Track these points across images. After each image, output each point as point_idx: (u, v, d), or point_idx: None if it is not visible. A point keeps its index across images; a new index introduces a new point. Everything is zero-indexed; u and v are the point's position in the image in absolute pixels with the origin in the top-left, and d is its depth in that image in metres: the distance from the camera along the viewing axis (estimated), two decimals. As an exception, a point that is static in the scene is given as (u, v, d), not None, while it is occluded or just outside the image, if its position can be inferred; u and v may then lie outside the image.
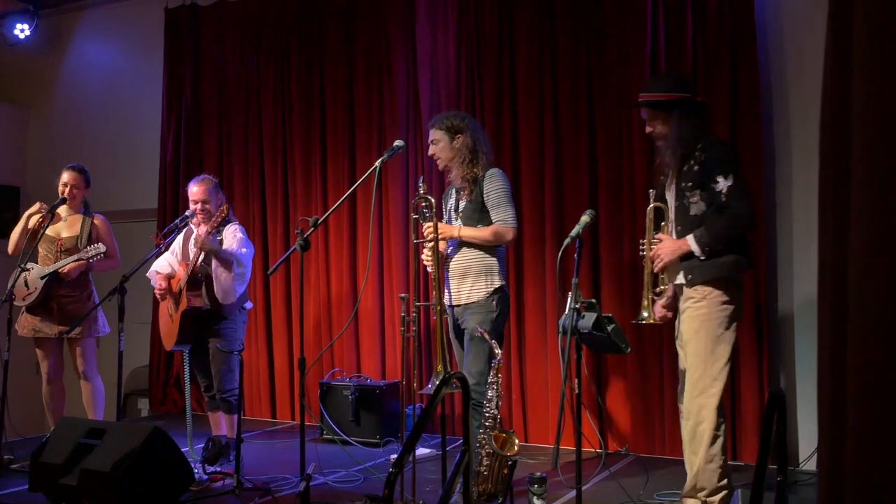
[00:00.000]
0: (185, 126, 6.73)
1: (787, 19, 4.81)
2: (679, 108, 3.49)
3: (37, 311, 4.89)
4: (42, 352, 4.97)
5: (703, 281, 3.40)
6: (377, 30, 5.97)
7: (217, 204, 4.67)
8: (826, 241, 1.47)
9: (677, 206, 3.50)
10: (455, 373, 2.64)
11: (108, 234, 5.01)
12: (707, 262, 3.38)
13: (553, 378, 5.15)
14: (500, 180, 3.98)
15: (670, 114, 3.50)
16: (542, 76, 5.30)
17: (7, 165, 7.64)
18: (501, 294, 3.94)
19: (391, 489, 2.09)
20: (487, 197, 3.94)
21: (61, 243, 4.90)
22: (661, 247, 3.47)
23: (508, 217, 3.93)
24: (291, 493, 4.06)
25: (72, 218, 4.99)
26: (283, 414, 6.21)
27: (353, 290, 5.94)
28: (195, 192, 4.65)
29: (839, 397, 1.40)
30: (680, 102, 3.50)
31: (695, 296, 3.42)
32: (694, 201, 3.43)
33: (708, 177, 3.39)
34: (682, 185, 3.47)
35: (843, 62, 1.40)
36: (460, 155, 3.99)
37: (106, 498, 3.53)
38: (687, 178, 3.45)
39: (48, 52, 7.69)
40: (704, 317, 3.39)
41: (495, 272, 3.94)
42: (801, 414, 4.66)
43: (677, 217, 3.50)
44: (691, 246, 3.38)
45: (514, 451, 3.69)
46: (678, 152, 3.47)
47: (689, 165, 3.45)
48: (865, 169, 1.32)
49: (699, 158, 3.43)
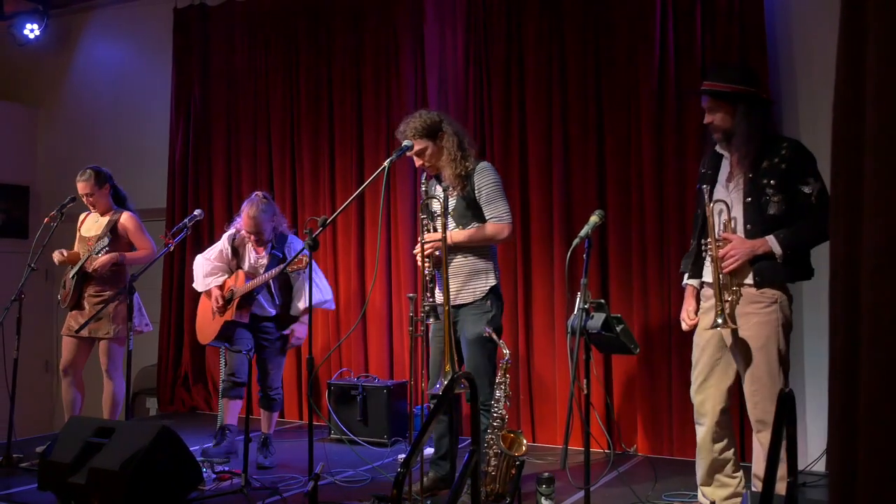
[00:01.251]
0: (193, 125, 6.75)
1: (796, 19, 4.78)
2: (745, 101, 3.31)
3: (74, 309, 4.99)
4: (67, 346, 5.00)
5: (772, 284, 3.24)
6: (385, 30, 5.97)
7: (270, 226, 4.76)
8: (838, 240, 1.46)
9: (748, 202, 3.28)
10: (463, 373, 2.63)
11: (137, 228, 5.03)
12: (779, 265, 3.21)
13: (561, 378, 5.15)
14: (492, 174, 3.88)
15: (735, 107, 3.31)
16: (551, 76, 5.29)
17: (17, 165, 7.67)
18: (495, 293, 3.89)
19: (399, 489, 2.08)
20: (479, 192, 3.85)
21: (90, 243, 4.96)
22: (732, 246, 3.22)
23: (503, 213, 3.85)
24: (299, 492, 4.06)
25: (102, 218, 5.06)
26: (291, 413, 6.21)
27: (361, 289, 5.95)
28: (247, 223, 4.72)
29: (850, 398, 1.39)
30: (746, 96, 3.32)
31: (762, 300, 3.25)
32: (776, 200, 3.23)
33: (799, 177, 3.23)
34: (761, 182, 3.25)
35: (855, 61, 1.40)
36: (450, 153, 3.88)
37: (114, 497, 3.54)
38: (770, 174, 3.24)
39: (58, 52, 7.72)
40: (776, 323, 3.25)
41: (490, 272, 3.88)
42: (810, 415, 4.64)
43: (747, 215, 3.28)
44: (772, 247, 3.19)
45: (522, 451, 3.69)
46: (751, 148, 3.27)
47: (773, 162, 3.25)
48: (878, 166, 1.31)
49: (785, 156, 3.25)
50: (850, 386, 1.39)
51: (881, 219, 1.30)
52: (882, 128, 1.31)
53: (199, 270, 4.89)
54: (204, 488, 4.05)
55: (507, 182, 5.37)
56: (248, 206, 4.71)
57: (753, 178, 3.27)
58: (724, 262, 3.23)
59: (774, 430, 2.30)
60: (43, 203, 7.48)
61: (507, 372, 3.79)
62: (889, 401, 1.29)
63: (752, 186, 3.27)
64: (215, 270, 4.83)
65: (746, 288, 3.27)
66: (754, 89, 3.35)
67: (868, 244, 1.33)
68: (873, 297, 1.31)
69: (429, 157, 3.91)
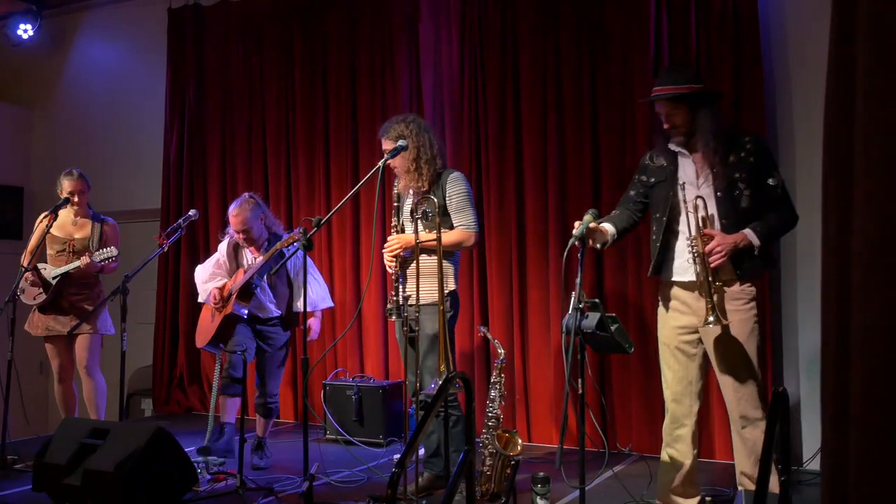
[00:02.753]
0: (188, 126, 6.74)
1: (790, 17, 4.80)
2: (705, 99, 3.37)
3: (49, 310, 4.95)
4: (54, 350, 5.02)
5: (752, 277, 3.30)
6: (380, 29, 5.97)
7: (259, 227, 4.74)
8: (829, 240, 1.46)
9: (720, 197, 3.31)
10: (458, 372, 2.63)
11: (116, 238, 5.09)
12: (756, 258, 3.28)
13: (556, 378, 5.15)
14: (463, 184, 3.99)
15: (695, 106, 3.35)
16: (546, 75, 5.29)
17: (11, 166, 7.65)
18: (454, 297, 3.97)
19: (394, 489, 2.09)
20: (450, 200, 3.94)
21: (73, 244, 4.95)
22: (717, 242, 3.22)
23: (471, 222, 3.96)
24: (294, 493, 4.06)
25: (81, 221, 5.05)
26: (286, 414, 6.21)
27: (356, 289, 5.95)
28: (234, 221, 4.71)
29: (843, 396, 1.39)
30: (705, 94, 3.39)
31: (742, 297, 3.30)
32: (747, 194, 3.28)
33: (766, 171, 3.30)
34: (732, 176, 3.29)
35: (846, 58, 1.40)
36: (405, 165, 3.95)
37: (109, 498, 3.53)
38: (738, 168, 3.29)
39: (51, 53, 7.71)
40: (754, 319, 3.31)
41: (450, 275, 3.95)
42: (804, 414, 4.65)
43: (721, 209, 3.30)
44: (752, 240, 3.23)
45: (517, 450, 3.69)
46: (719, 143, 3.31)
47: (740, 157, 3.30)
48: (868, 163, 1.31)
49: (752, 150, 3.30)
50: (843, 385, 1.39)
51: (872, 214, 1.31)
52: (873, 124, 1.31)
53: (199, 279, 4.92)
54: (199, 489, 4.05)
55: (502, 180, 5.40)
56: (234, 206, 4.74)
57: (723, 172, 3.31)
58: (712, 257, 3.23)
59: (768, 429, 2.30)
60: (37, 204, 7.45)
61: (503, 371, 3.79)
62: (880, 400, 1.30)
63: (722, 181, 3.31)
64: (214, 276, 4.84)
65: (727, 285, 3.31)
66: (703, 86, 3.41)
67: (859, 239, 1.33)
68: (864, 295, 1.32)
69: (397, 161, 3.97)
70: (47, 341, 5.01)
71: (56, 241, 4.98)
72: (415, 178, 3.95)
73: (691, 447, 3.46)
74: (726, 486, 4.03)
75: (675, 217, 3.42)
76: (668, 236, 3.44)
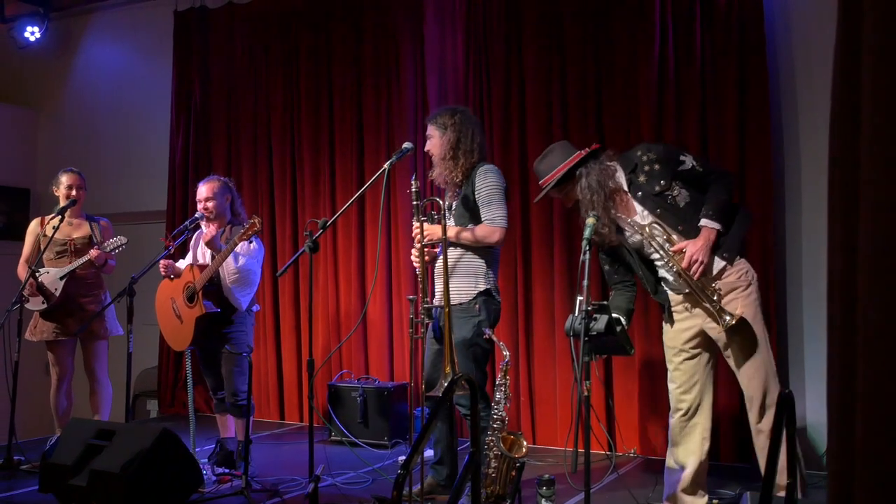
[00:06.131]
0: (193, 128, 6.76)
1: (795, 21, 4.79)
2: (578, 166, 3.44)
3: (55, 314, 4.90)
4: (57, 355, 4.97)
5: (739, 252, 3.32)
6: (385, 31, 5.98)
7: (223, 203, 4.61)
8: (835, 244, 1.46)
9: (660, 213, 3.35)
10: (461, 374, 2.63)
11: (112, 237, 5.05)
12: (729, 234, 3.30)
13: (562, 380, 5.15)
14: (494, 177, 3.82)
15: (575, 177, 3.44)
16: (551, 77, 5.29)
17: (17, 168, 7.67)
18: (486, 298, 3.78)
19: (399, 491, 2.09)
20: (479, 194, 3.79)
21: (73, 243, 4.95)
22: (689, 252, 3.26)
23: (497, 216, 3.78)
24: (300, 494, 4.07)
25: (76, 221, 5.04)
26: (291, 415, 6.22)
27: (361, 291, 5.95)
28: (201, 190, 4.59)
29: (848, 399, 1.39)
30: (578, 162, 3.45)
31: (739, 284, 3.30)
32: (676, 193, 3.34)
33: (674, 163, 3.35)
34: (654, 191, 3.34)
35: (852, 60, 1.40)
36: (441, 152, 3.86)
37: (115, 499, 3.54)
38: (654, 181, 3.35)
39: (58, 55, 7.73)
40: (756, 302, 3.32)
41: (481, 274, 3.79)
42: (810, 416, 4.64)
43: (669, 222, 3.35)
44: (712, 226, 3.26)
45: (523, 452, 3.69)
46: (609, 186, 3.39)
47: (646, 171, 3.36)
48: (874, 167, 1.31)
49: (651, 158, 3.37)
50: (849, 387, 1.39)
51: (879, 216, 1.31)
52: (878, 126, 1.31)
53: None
54: (204, 490, 4.06)
55: (508, 182, 5.36)
56: (203, 181, 4.64)
57: (645, 195, 3.37)
58: (692, 269, 3.27)
59: (774, 431, 2.30)
60: (43, 206, 7.47)
61: (508, 373, 3.78)
62: (886, 402, 1.30)
63: (650, 201, 3.36)
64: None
65: (721, 278, 3.32)
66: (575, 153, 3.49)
67: (865, 242, 1.33)
68: (870, 299, 1.32)
69: (432, 146, 3.89)
70: (50, 347, 4.98)
71: (55, 244, 4.92)
72: (450, 167, 3.81)
73: (700, 445, 3.44)
74: (731, 488, 4.03)
75: (647, 255, 3.47)
76: (652, 269, 3.50)
